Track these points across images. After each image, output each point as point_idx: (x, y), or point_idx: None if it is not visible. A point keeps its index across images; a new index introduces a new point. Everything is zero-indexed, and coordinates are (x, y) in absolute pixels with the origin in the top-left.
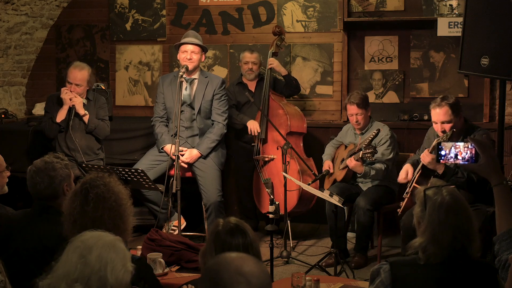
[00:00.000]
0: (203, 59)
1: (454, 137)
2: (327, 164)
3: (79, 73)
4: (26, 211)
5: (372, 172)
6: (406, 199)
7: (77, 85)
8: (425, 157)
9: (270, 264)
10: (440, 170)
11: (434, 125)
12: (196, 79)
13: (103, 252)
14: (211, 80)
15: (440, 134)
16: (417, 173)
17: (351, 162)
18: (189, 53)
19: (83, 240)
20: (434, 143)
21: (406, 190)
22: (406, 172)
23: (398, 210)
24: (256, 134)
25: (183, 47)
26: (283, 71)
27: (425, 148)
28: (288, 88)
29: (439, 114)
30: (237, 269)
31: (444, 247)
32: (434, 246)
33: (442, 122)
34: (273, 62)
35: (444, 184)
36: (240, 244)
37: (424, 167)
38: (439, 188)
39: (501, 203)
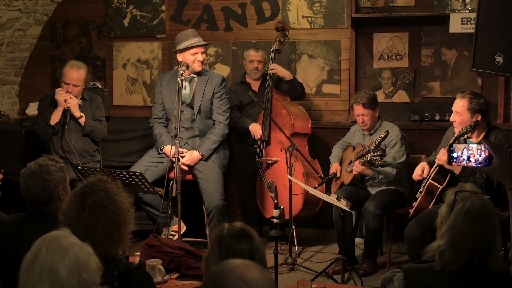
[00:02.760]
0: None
1: (475, 135)
2: (334, 167)
3: (76, 73)
4: (19, 216)
5: (381, 176)
6: (419, 199)
7: (74, 85)
8: (442, 156)
9: (274, 271)
10: (457, 170)
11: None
12: (195, 77)
13: (68, 261)
14: (211, 78)
15: (452, 121)
16: (433, 171)
17: (358, 168)
18: (199, 55)
19: (41, 264)
20: (456, 134)
21: (420, 190)
22: (422, 169)
23: (410, 211)
24: (258, 138)
25: (193, 49)
26: (288, 75)
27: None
28: (291, 93)
29: (456, 103)
30: (241, 276)
31: (462, 254)
32: (451, 252)
33: (456, 112)
34: (275, 68)
35: (479, 192)
36: (245, 249)
37: (440, 165)
38: (472, 193)
39: None
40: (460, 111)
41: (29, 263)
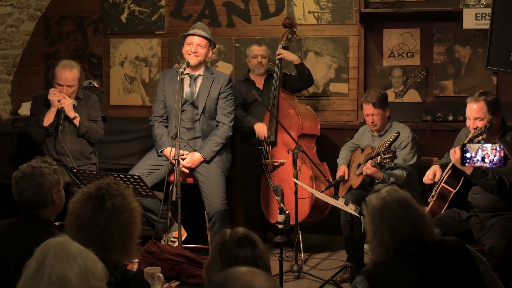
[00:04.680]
0: (209, 55)
1: (489, 136)
2: (342, 170)
3: (70, 73)
4: (11, 221)
5: (392, 179)
6: (431, 203)
7: (68, 86)
8: (454, 154)
9: (279, 279)
10: (468, 171)
11: (467, 120)
12: (200, 75)
13: (77, 267)
14: (217, 77)
15: (472, 131)
16: (446, 174)
17: (369, 170)
18: (194, 46)
19: (49, 270)
20: (470, 136)
21: (432, 194)
22: (433, 173)
23: None
24: (263, 138)
25: (188, 39)
26: (296, 59)
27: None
28: (300, 78)
29: (473, 109)
30: (247, 284)
31: (386, 244)
32: (378, 247)
33: (475, 118)
34: (282, 52)
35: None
36: (248, 256)
37: (454, 167)
38: (378, 191)
39: None
40: (481, 115)
41: (34, 270)
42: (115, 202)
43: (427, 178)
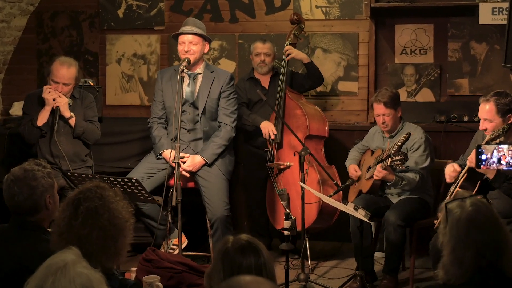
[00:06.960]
0: (206, 50)
1: (507, 139)
2: (352, 169)
3: (67, 71)
4: (2, 227)
5: (404, 182)
6: None
7: (65, 84)
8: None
9: None
10: (491, 175)
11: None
12: (200, 73)
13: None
14: (218, 75)
15: (487, 133)
16: (461, 178)
17: (380, 173)
18: (186, 45)
19: None
20: (487, 138)
21: (446, 198)
22: (452, 167)
23: (435, 221)
24: (272, 137)
25: (181, 38)
26: (305, 58)
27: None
28: (310, 78)
29: (482, 110)
30: None
31: (466, 266)
32: (455, 266)
33: (484, 119)
34: (292, 51)
35: (470, 195)
36: (252, 264)
37: (470, 171)
38: (463, 200)
39: None
40: (489, 116)
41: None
42: (90, 205)
43: (449, 176)
